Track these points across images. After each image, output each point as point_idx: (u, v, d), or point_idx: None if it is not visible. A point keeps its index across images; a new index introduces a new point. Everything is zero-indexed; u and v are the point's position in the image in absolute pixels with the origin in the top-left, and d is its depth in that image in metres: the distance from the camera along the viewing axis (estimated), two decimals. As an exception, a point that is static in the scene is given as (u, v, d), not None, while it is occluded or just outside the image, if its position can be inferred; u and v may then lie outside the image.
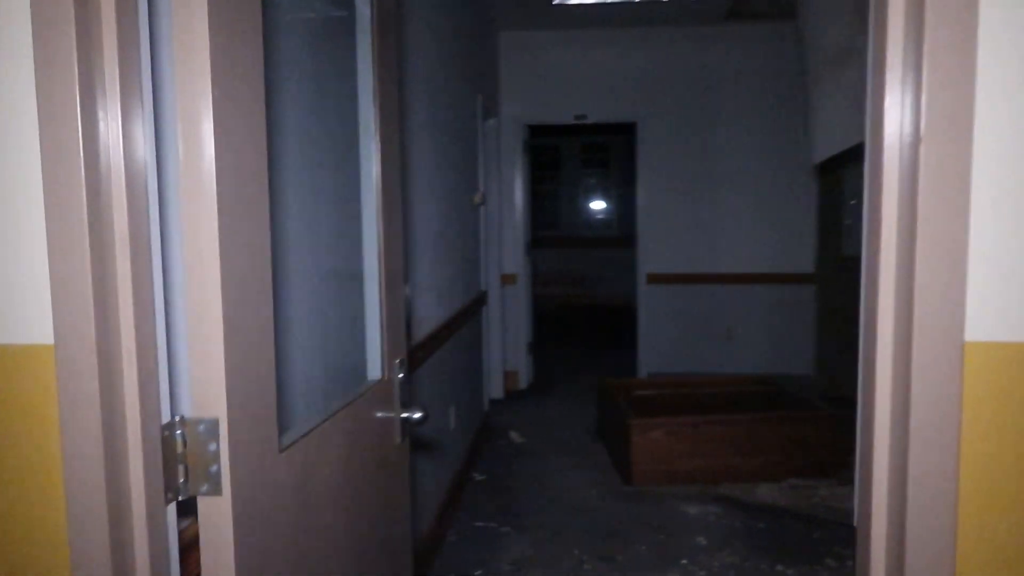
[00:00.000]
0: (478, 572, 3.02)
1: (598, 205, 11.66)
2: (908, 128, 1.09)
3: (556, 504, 3.72)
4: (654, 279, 5.86)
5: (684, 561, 3.11)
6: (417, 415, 1.79)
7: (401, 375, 1.79)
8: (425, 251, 3.12)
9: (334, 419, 1.42)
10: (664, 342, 5.90)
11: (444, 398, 3.48)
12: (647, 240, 5.87)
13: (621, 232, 11.27)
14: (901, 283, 1.12)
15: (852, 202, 5.40)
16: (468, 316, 4.18)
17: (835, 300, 5.60)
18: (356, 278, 1.72)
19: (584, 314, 10.19)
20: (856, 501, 1.30)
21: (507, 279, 5.90)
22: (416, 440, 2.92)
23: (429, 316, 3.18)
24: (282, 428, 1.33)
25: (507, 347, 5.94)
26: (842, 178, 5.52)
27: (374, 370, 1.70)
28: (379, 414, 1.68)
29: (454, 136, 3.92)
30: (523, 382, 6.03)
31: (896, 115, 1.14)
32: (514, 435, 4.81)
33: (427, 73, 3.27)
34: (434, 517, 3.17)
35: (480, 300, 4.67)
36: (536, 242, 11.40)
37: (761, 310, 5.80)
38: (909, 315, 1.07)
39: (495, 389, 5.72)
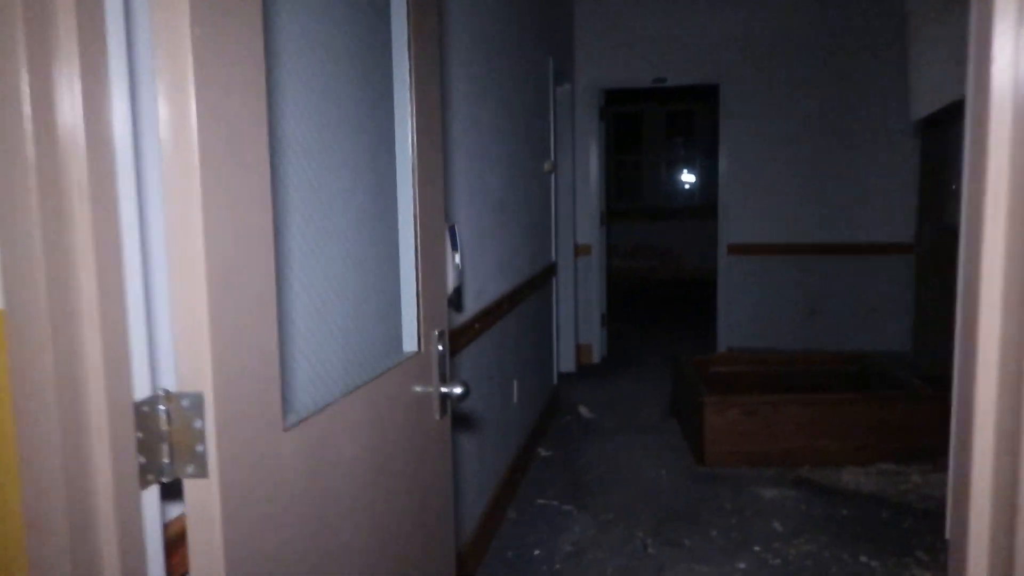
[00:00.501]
0: (537, 552, 2.92)
1: (682, 175, 11.26)
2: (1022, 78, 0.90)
3: (623, 484, 3.57)
4: (735, 250, 5.56)
5: (757, 548, 2.92)
6: (458, 390, 1.68)
7: (441, 347, 1.68)
8: (484, 219, 2.99)
9: (357, 393, 1.31)
10: (744, 317, 5.61)
11: (505, 372, 3.37)
12: (729, 209, 5.57)
13: (705, 203, 10.87)
14: (1013, 252, 0.91)
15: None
16: (535, 287, 4.05)
17: (937, 273, 5.18)
18: (392, 244, 1.61)
19: (664, 288, 9.91)
20: (948, 508, 1.10)
21: (581, 250, 5.72)
22: (471, 416, 2.82)
23: (488, 287, 3.07)
24: (291, 405, 1.24)
25: (580, 320, 5.79)
26: (948, 139, 5.07)
27: (410, 343, 1.59)
28: (416, 388, 1.57)
29: (523, 100, 3.75)
30: (596, 356, 5.87)
31: (1006, 63, 0.94)
32: (583, 410, 4.67)
33: (490, 32, 3.11)
34: (493, 495, 3.08)
35: (550, 271, 4.53)
36: (617, 214, 11.13)
37: (851, 283, 5.42)
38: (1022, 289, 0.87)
39: (566, 363, 5.58)
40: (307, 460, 1.12)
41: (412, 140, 1.53)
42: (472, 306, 2.81)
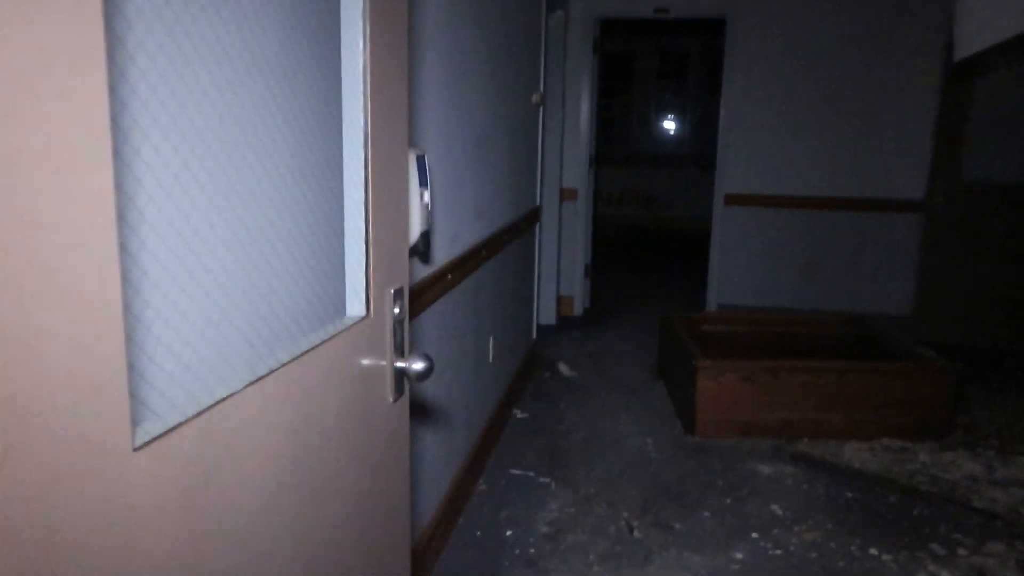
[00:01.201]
0: (509, 532, 2.60)
1: (672, 121, 10.79)
2: None
3: (606, 453, 3.25)
4: (734, 200, 5.19)
5: (755, 535, 2.62)
6: (418, 365, 1.31)
7: (398, 310, 1.30)
8: (462, 152, 2.58)
9: (270, 380, 0.93)
10: (740, 271, 5.27)
11: (481, 328, 3.01)
12: (729, 156, 5.16)
13: (695, 151, 10.45)
14: None
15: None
16: (517, 233, 3.66)
17: (948, 232, 4.85)
18: (337, 176, 1.21)
19: (651, 238, 9.55)
20: None
21: (567, 194, 5.31)
22: (440, 379, 2.45)
23: (464, 232, 2.67)
24: (152, 410, 0.86)
25: (562, 270, 5.42)
26: (972, 88, 4.69)
27: (356, 305, 1.21)
28: (363, 363, 1.20)
29: (511, 23, 3.30)
30: (578, 308, 5.52)
31: None
32: (563, 368, 4.33)
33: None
34: (462, 465, 2.74)
35: (534, 216, 4.13)
36: (603, 158, 10.68)
37: (854, 240, 5.09)
38: None
39: (546, 315, 5.23)
40: (174, 486, 0.75)
41: (364, 34, 1.12)
42: (444, 254, 2.42)
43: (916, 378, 3.44)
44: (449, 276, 2.43)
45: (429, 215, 1.85)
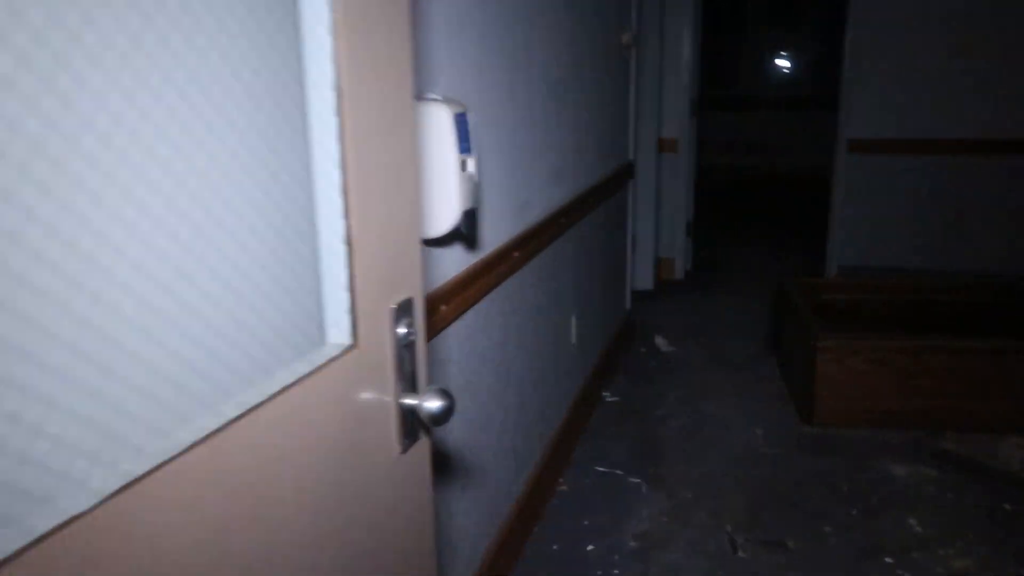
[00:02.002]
0: (591, 547, 2.26)
1: (787, 60, 9.85)
2: None
3: (707, 446, 2.85)
4: (859, 147, 4.53)
5: (888, 559, 2.17)
6: (433, 404, 0.96)
7: (404, 330, 0.95)
8: (529, 107, 2.18)
9: (201, 451, 0.61)
10: (866, 228, 4.63)
11: (561, 306, 2.64)
12: (854, 93, 4.49)
13: (812, 92, 9.51)
14: None
15: None
16: (606, 195, 3.24)
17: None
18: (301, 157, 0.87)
19: (764, 190, 8.80)
20: None
21: (666, 145, 4.80)
22: (509, 375, 2.11)
23: (535, 199, 2.29)
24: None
25: (661, 229, 4.94)
26: None
27: (338, 331, 0.88)
28: (348, 407, 0.87)
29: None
30: (679, 272, 5.04)
31: None
32: (660, 342, 3.91)
33: None
34: (538, 465, 2.41)
35: (625, 172, 3.68)
36: (710, 102, 9.91)
37: (1003, 190, 4.34)
38: None
39: (643, 280, 4.79)
40: None
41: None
42: (507, 230, 2.05)
43: (1095, 361, 2.83)
44: (516, 254, 2.07)
45: (476, 189, 1.48)
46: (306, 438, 0.78)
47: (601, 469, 2.69)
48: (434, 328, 1.55)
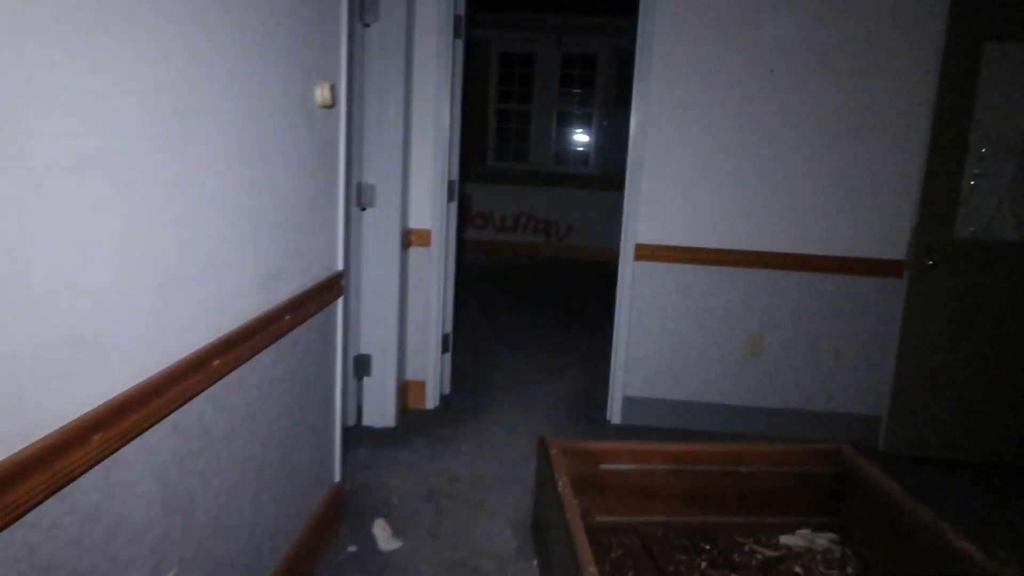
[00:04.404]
0: None
1: (576, 135, 9.36)
2: None
3: None
4: (647, 254, 3.70)
5: None
6: None
7: None
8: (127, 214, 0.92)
9: None
10: (656, 350, 3.79)
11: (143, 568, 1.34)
12: (641, 193, 3.67)
13: (602, 171, 9.05)
14: None
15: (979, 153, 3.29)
16: (274, 334, 2.02)
17: (939, 302, 3.50)
18: None
19: (552, 273, 8.04)
20: None
21: (416, 238, 3.71)
22: None
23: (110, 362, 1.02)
24: None
25: (408, 346, 3.81)
26: (972, 110, 3.37)
27: None
28: None
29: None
30: (431, 399, 3.91)
31: None
32: (381, 533, 2.69)
33: None
34: None
35: (326, 289, 2.49)
36: (495, 175, 9.16)
37: (814, 308, 3.69)
38: None
39: (380, 414, 3.61)
40: None
41: None
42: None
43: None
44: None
45: None
46: None
47: None
48: None
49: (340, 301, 2.62)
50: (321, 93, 2.25)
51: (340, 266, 2.59)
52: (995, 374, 3.49)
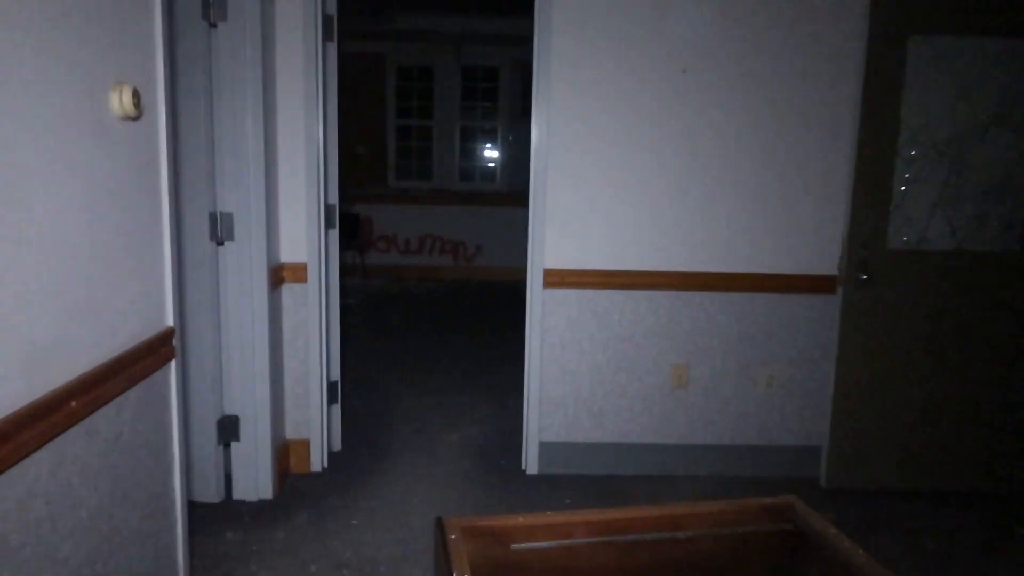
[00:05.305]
0: None
1: (484, 151, 8.95)
2: None
3: None
4: (557, 280, 3.28)
5: None
6: None
7: None
8: None
9: None
10: (575, 389, 3.36)
11: None
12: (547, 214, 3.25)
13: (510, 187, 8.68)
14: None
15: (912, 153, 3.02)
16: (52, 428, 1.47)
17: (876, 319, 3.20)
18: None
19: (464, 297, 7.55)
20: None
21: (289, 273, 3.17)
22: None
23: None
24: None
25: (285, 402, 3.25)
26: (899, 110, 3.10)
27: None
28: None
29: None
30: (317, 461, 3.36)
31: None
32: (240, 657, 2.14)
33: None
34: None
35: (146, 355, 1.94)
36: (398, 195, 8.62)
37: (743, 332, 3.34)
38: None
39: (254, 486, 3.04)
40: None
41: None
42: None
43: None
44: None
45: None
46: None
47: None
48: None
49: (172, 364, 2.06)
50: (119, 101, 1.71)
51: (170, 321, 2.04)
52: (940, 395, 3.21)
